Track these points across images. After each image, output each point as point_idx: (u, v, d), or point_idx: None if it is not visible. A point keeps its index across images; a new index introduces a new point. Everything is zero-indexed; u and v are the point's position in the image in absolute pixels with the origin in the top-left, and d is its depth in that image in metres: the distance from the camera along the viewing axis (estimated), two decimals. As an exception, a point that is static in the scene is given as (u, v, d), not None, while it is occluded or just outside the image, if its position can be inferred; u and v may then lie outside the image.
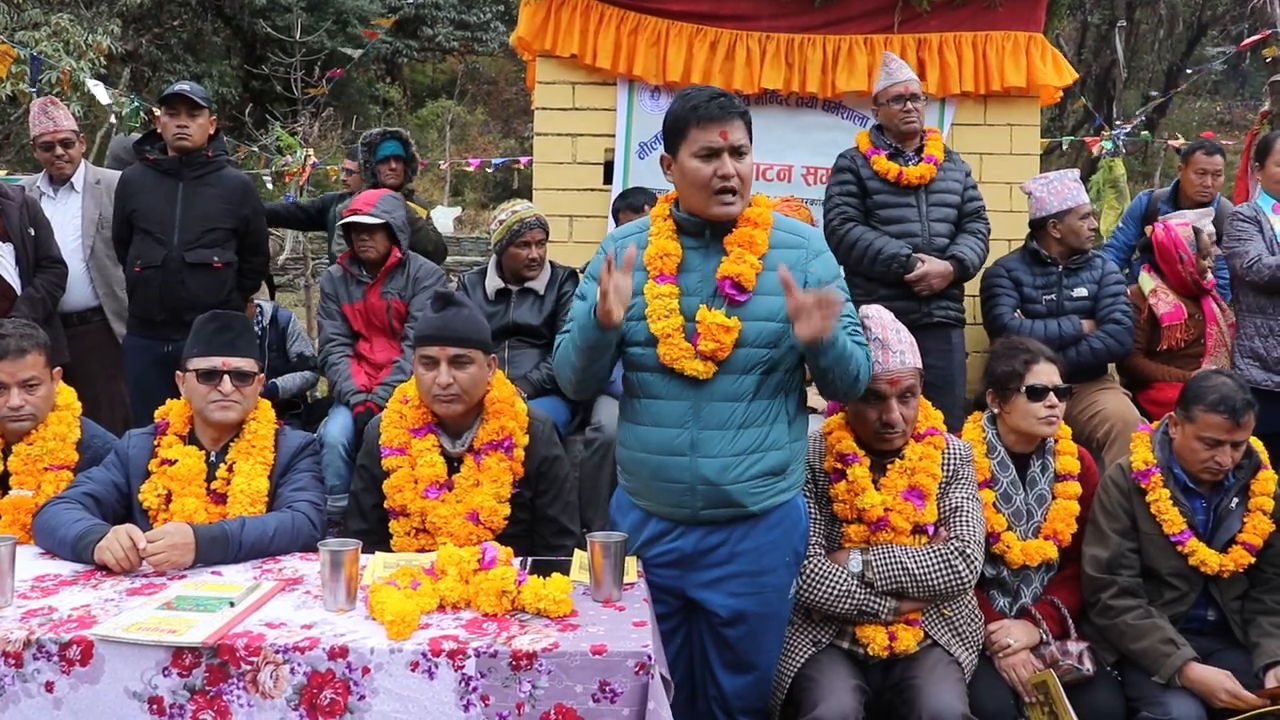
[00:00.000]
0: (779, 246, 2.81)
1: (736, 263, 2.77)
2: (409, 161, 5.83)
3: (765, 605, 2.89)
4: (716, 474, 2.77)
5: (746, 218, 2.81)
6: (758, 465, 2.78)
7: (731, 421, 2.77)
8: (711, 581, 2.85)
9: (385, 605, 2.41)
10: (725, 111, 2.72)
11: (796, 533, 2.92)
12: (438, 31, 23.18)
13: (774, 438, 2.80)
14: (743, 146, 2.75)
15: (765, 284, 2.77)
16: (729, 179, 2.73)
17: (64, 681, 2.33)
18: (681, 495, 2.83)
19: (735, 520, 2.82)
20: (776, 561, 2.87)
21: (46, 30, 10.98)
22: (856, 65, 5.48)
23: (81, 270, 5.06)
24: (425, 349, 3.15)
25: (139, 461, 3.20)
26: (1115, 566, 3.29)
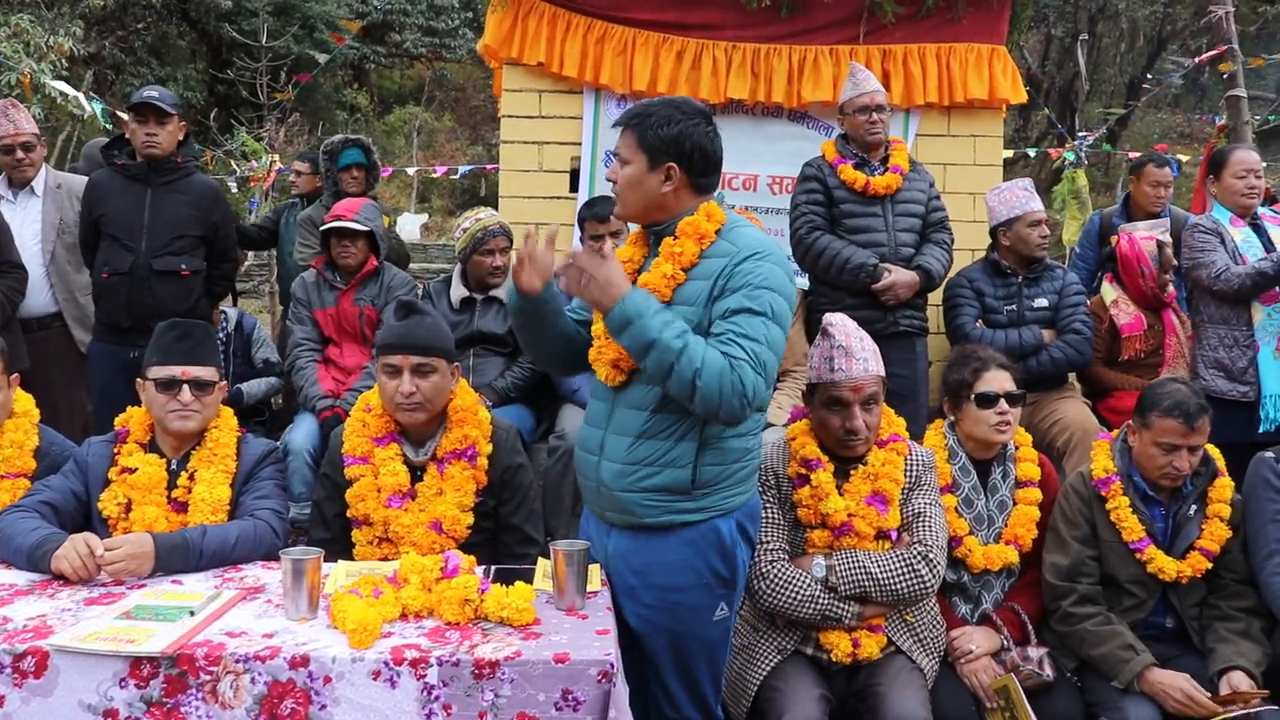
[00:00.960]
0: (711, 256, 2.72)
1: (652, 273, 2.74)
2: (370, 169, 5.83)
3: (679, 623, 2.77)
4: (612, 479, 2.75)
5: (681, 228, 2.74)
6: (654, 479, 2.70)
7: (633, 429, 2.73)
8: (627, 589, 2.79)
9: (347, 614, 2.40)
10: (620, 120, 2.82)
11: (715, 554, 2.75)
12: (405, 38, 23.10)
13: (676, 455, 2.69)
14: (620, 155, 2.77)
15: (682, 294, 2.71)
16: (610, 182, 2.82)
17: (15, 695, 2.29)
18: (592, 494, 2.86)
19: (638, 529, 2.75)
20: (690, 580, 2.75)
21: (6, 31, 10.85)
22: (822, 75, 5.51)
23: (41, 275, 4.99)
24: (388, 357, 3.14)
25: (99, 470, 3.17)
26: (1075, 574, 3.33)
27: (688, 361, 2.50)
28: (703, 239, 2.74)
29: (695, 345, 2.53)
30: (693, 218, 2.75)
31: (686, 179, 2.75)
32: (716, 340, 2.58)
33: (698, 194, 2.79)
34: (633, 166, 2.74)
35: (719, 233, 2.75)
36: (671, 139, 2.71)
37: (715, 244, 2.74)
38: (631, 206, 2.79)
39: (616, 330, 2.58)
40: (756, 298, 2.61)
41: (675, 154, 2.72)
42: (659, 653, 2.80)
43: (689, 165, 2.74)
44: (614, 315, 2.56)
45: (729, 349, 2.55)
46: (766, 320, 2.60)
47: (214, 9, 19.55)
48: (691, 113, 2.77)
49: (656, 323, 2.53)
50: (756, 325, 2.59)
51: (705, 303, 2.67)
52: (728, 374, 2.51)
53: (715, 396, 2.51)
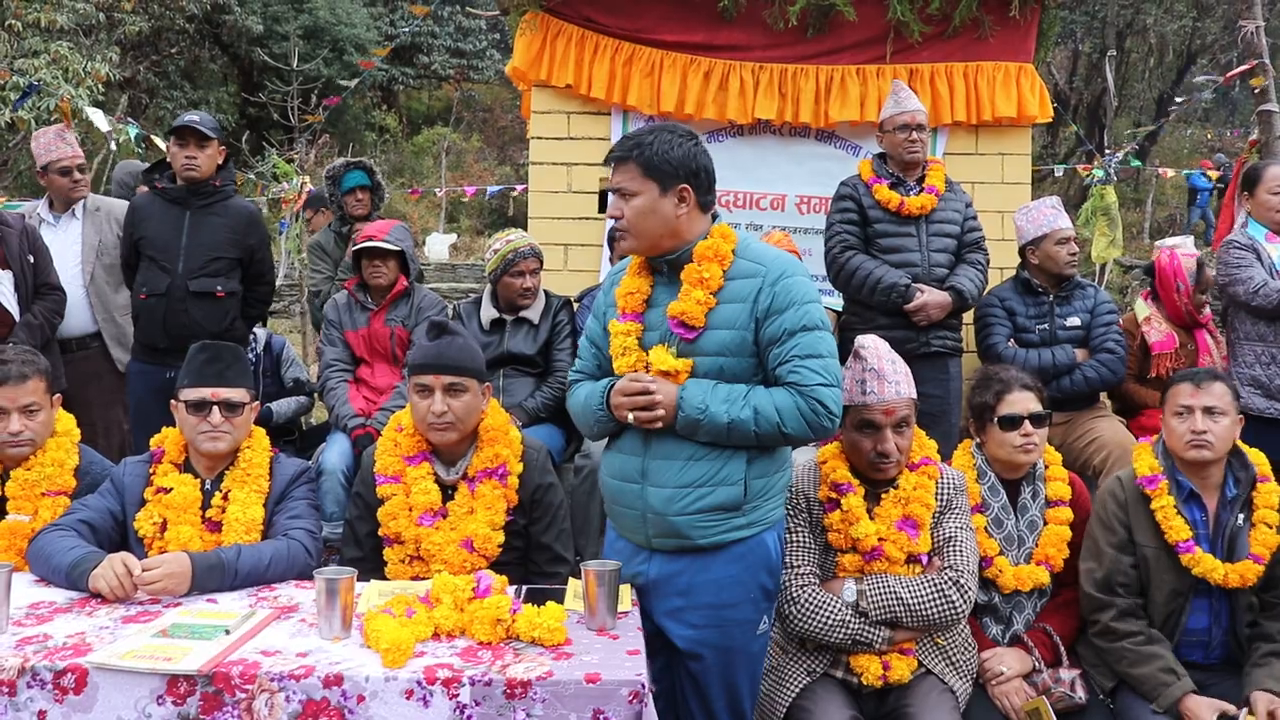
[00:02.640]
0: (737, 277, 2.76)
1: (684, 300, 2.76)
2: (375, 190, 5.86)
3: (728, 639, 2.82)
4: (662, 504, 2.77)
5: (699, 252, 2.77)
6: (706, 499, 2.73)
7: (680, 453, 2.75)
8: (673, 611, 2.82)
9: (380, 633, 2.41)
10: (610, 156, 2.84)
11: (763, 569, 2.82)
12: (434, 59, 23.32)
13: (727, 472, 2.74)
14: (622, 188, 2.78)
15: (717, 318, 2.74)
16: (614, 220, 2.82)
17: (57, 710, 2.33)
18: (635, 522, 2.85)
19: (687, 551, 2.78)
20: (739, 596, 2.80)
21: (45, 58, 11.03)
22: (849, 95, 5.53)
23: (81, 296, 5.08)
24: (420, 377, 3.17)
25: (135, 489, 3.21)
26: (1112, 585, 3.28)
27: (766, 422, 2.66)
28: (724, 260, 2.77)
29: (764, 403, 2.67)
30: (709, 241, 2.78)
31: (696, 200, 2.79)
32: (783, 368, 2.68)
33: (703, 214, 2.84)
34: (642, 197, 2.75)
35: (734, 252, 2.80)
36: (679, 161, 2.76)
37: (736, 264, 2.78)
38: (646, 238, 2.79)
39: (691, 433, 2.71)
40: (807, 314, 2.72)
41: (686, 175, 2.77)
42: (707, 671, 2.82)
43: (697, 185, 2.79)
44: (682, 423, 2.69)
45: (798, 375, 2.67)
46: (820, 333, 2.72)
47: (245, 33, 19.81)
48: (685, 134, 2.83)
49: (720, 407, 2.66)
50: (813, 341, 2.71)
51: (746, 324, 2.72)
52: (805, 406, 2.66)
53: (805, 432, 2.69)
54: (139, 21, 16.23)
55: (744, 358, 2.75)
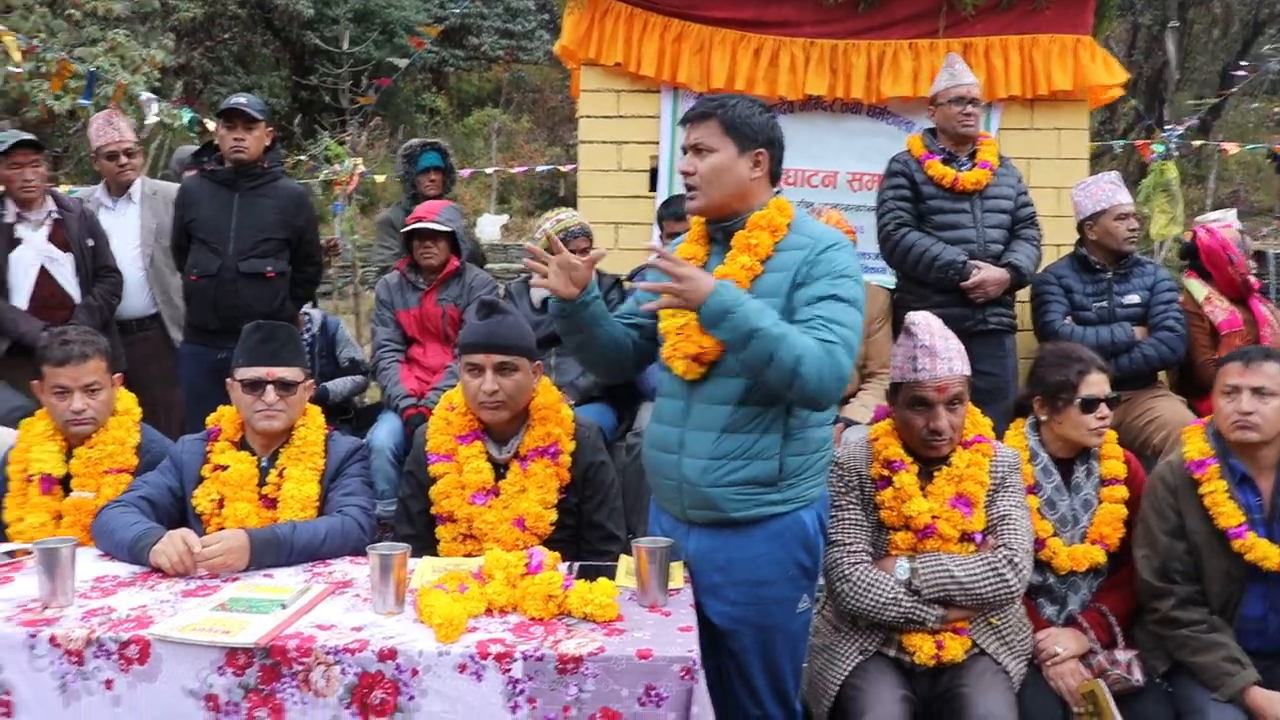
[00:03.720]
0: (787, 249, 2.76)
1: (729, 264, 2.77)
2: (448, 172, 5.90)
3: (766, 617, 2.81)
4: (697, 475, 2.77)
5: (754, 221, 2.78)
6: (741, 472, 2.73)
7: (716, 424, 2.75)
8: (710, 587, 2.82)
9: (434, 608, 2.44)
10: (690, 114, 2.84)
11: (800, 547, 2.81)
12: (483, 41, 23.34)
13: (762, 446, 2.73)
14: (700, 144, 2.77)
15: (760, 287, 2.74)
16: (685, 176, 2.81)
17: (123, 679, 2.39)
18: (671, 492, 2.86)
19: (723, 525, 2.78)
20: (776, 574, 2.79)
21: (104, 46, 11.18)
22: (901, 70, 5.46)
23: (139, 279, 5.17)
24: (470, 356, 3.18)
25: (192, 467, 3.26)
26: (1169, 573, 3.22)
27: (788, 349, 2.54)
28: (775, 231, 2.78)
29: (793, 332, 2.58)
30: (764, 211, 2.79)
31: (769, 168, 2.81)
32: (805, 325, 2.62)
33: (771, 185, 2.85)
34: (720, 154, 2.75)
35: (789, 226, 2.80)
36: (760, 126, 2.78)
37: (787, 237, 2.78)
38: (715, 196, 2.78)
39: (713, 322, 2.58)
40: (840, 285, 2.68)
41: (764, 141, 2.79)
42: (745, 649, 2.82)
43: (773, 154, 2.81)
44: (710, 307, 2.57)
45: (820, 333, 2.59)
46: (849, 307, 2.67)
47: (296, 17, 19.94)
48: (764, 105, 2.87)
49: (754, 311, 2.56)
50: (842, 311, 2.65)
51: (786, 293, 2.71)
52: (825, 359, 2.56)
53: (816, 382, 2.55)
54: (193, 8, 16.40)
55: None
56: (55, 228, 4.81)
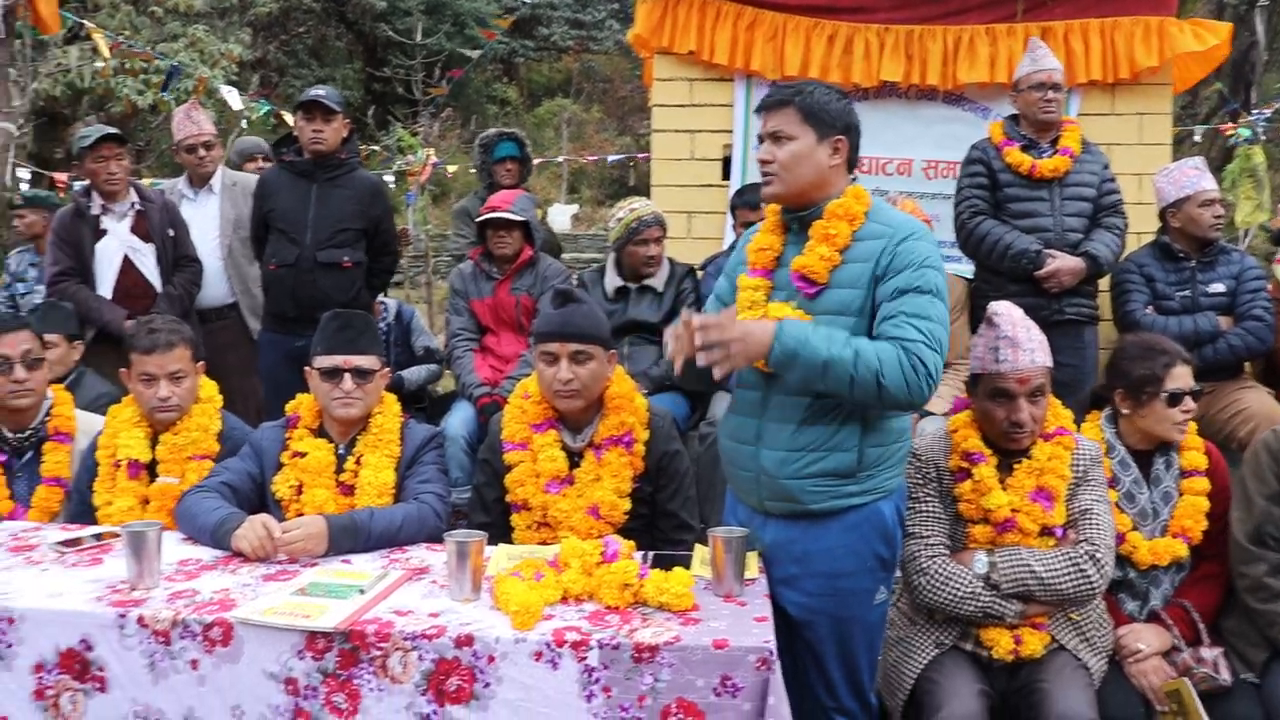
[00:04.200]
0: (865, 238, 2.73)
1: (807, 255, 2.75)
2: (524, 162, 5.91)
3: (843, 608, 2.79)
4: (774, 467, 2.75)
5: (831, 210, 2.75)
6: (820, 464, 2.71)
7: (795, 415, 2.73)
8: (787, 578, 2.80)
9: (510, 596, 2.45)
10: (767, 101, 2.81)
11: (879, 538, 2.79)
12: (553, 31, 23.44)
13: (841, 438, 2.70)
14: (779, 132, 2.74)
15: (840, 277, 2.72)
16: (763, 164, 2.78)
17: (207, 660, 2.44)
18: (749, 484, 2.84)
19: (801, 516, 2.76)
20: (854, 565, 2.77)
21: (184, 41, 11.41)
22: (978, 56, 5.37)
23: (219, 268, 5.26)
24: (546, 345, 3.19)
25: (272, 453, 3.31)
26: (1262, 537, 3.10)
27: (865, 367, 2.54)
28: (853, 220, 2.74)
29: (866, 348, 2.57)
30: (841, 200, 2.76)
31: (847, 155, 2.79)
32: (888, 323, 2.60)
33: (849, 173, 2.82)
34: (800, 141, 2.73)
35: (866, 214, 2.76)
36: (838, 113, 2.76)
37: (865, 226, 2.75)
38: (793, 184, 2.76)
39: (784, 367, 2.60)
40: (921, 276, 2.64)
41: (843, 127, 2.77)
42: (821, 641, 2.80)
43: (851, 141, 2.79)
44: (775, 355, 2.57)
45: (902, 331, 2.58)
46: (932, 298, 2.64)
47: (369, 10, 20.19)
48: (843, 92, 2.84)
49: (821, 343, 2.56)
50: (925, 304, 2.62)
51: (867, 284, 2.68)
52: (906, 361, 2.55)
53: (903, 388, 2.55)
54: (269, 3, 16.69)
55: (863, 319, 2.70)
56: (138, 219, 4.91)
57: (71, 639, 2.50)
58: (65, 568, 2.83)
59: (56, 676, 2.50)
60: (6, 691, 2.52)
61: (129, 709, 2.48)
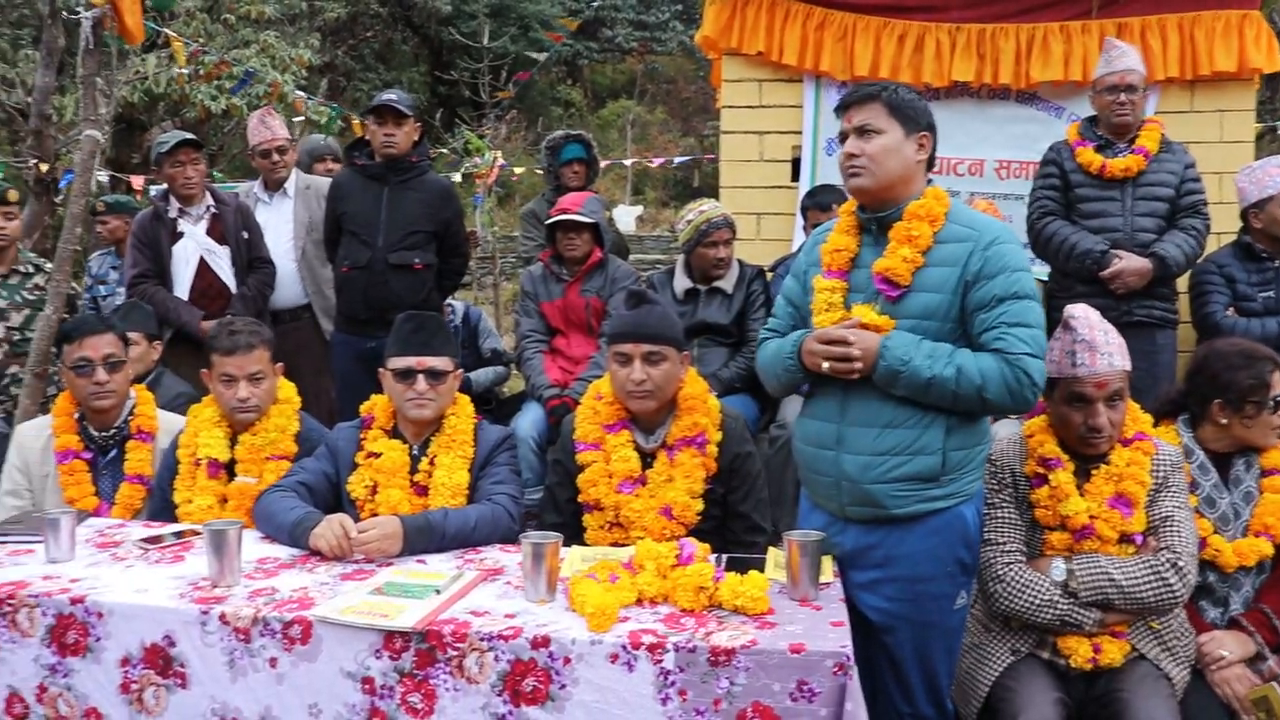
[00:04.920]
0: (948, 240, 2.71)
1: (890, 257, 2.73)
2: (591, 164, 5.92)
3: (923, 613, 2.78)
4: (858, 472, 2.73)
5: (912, 211, 2.73)
6: (903, 468, 2.69)
7: (878, 420, 2.71)
8: (868, 583, 2.79)
9: (586, 598, 2.46)
10: (853, 96, 2.81)
11: (960, 543, 2.78)
12: (617, 33, 23.53)
13: (925, 442, 2.69)
14: (866, 125, 2.74)
15: (924, 280, 2.70)
16: (849, 158, 2.76)
17: (286, 658, 2.48)
18: (829, 489, 2.82)
19: (883, 521, 2.74)
20: (935, 570, 2.76)
21: (255, 48, 11.62)
22: (1052, 54, 5.30)
23: (292, 270, 5.34)
24: (619, 346, 3.20)
25: (347, 454, 3.35)
26: None
27: (968, 383, 2.59)
28: (934, 221, 2.73)
29: (968, 363, 2.60)
30: (922, 201, 2.75)
31: (929, 153, 2.79)
32: (989, 334, 2.62)
33: (926, 172, 2.82)
34: (888, 135, 2.73)
35: (946, 215, 2.75)
36: (923, 110, 2.78)
37: (947, 227, 2.73)
38: (883, 177, 2.74)
39: (888, 384, 2.65)
40: (1017, 281, 2.65)
41: (927, 124, 2.78)
42: (901, 645, 2.79)
43: (934, 139, 2.80)
44: (880, 373, 2.64)
45: (1004, 343, 2.60)
46: (1030, 302, 2.65)
47: (435, 14, 20.40)
48: (918, 92, 2.87)
49: (922, 361, 2.61)
50: (1022, 310, 2.63)
51: (954, 289, 2.67)
52: (1010, 374, 2.59)
53: (1007, 400, 2.61)
54: (337, 8, 16.92)
55: (948, 323, 2.69)
56: (213, 222, 5.00)
57: (155, 635, 2.56)
58: (149, 564, 2.89)
59: (141, 671, 2.57)
60: (96, 683, 2.59)
61: (208, 706, 2.53)
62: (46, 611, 2.62)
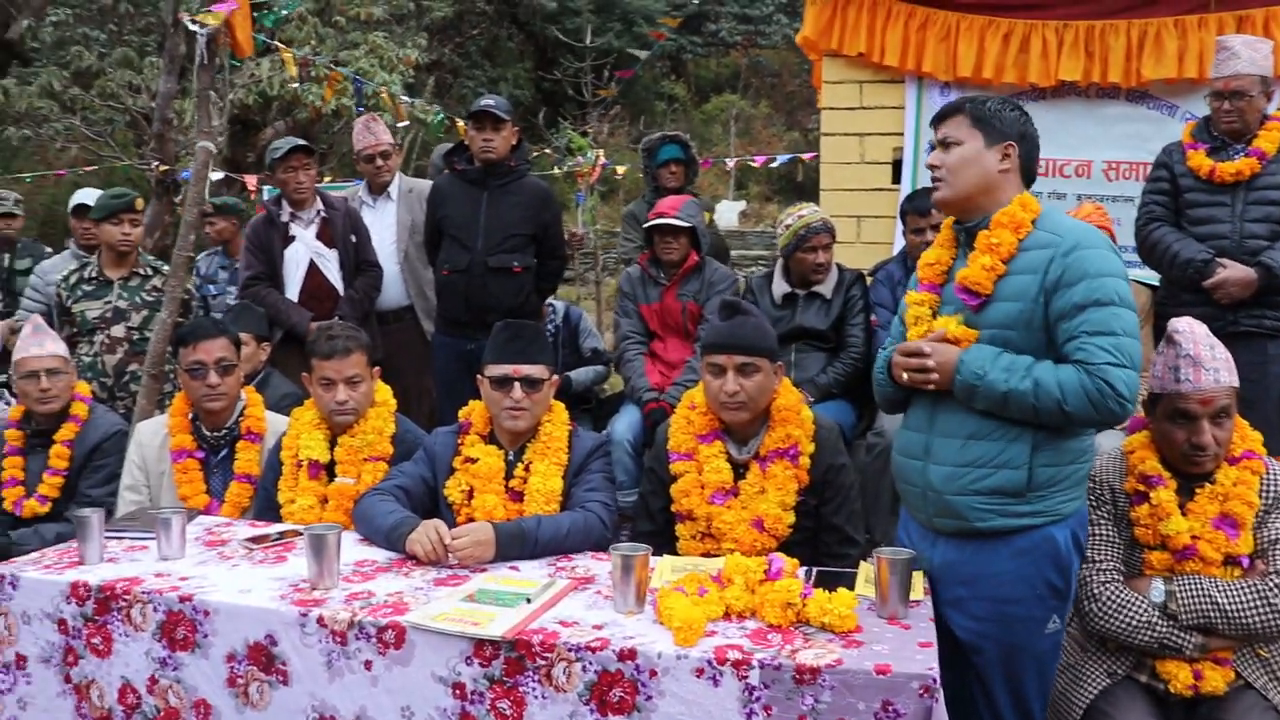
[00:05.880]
0: (1032, 248, 2.65)
1: (971, 266, 2.69)
2: (689, 164, 5.92)
3: (1011, 635, 2.72)
4: (941, 482, 2.71)
5: (997, 219, 2.69)
6: (987, 481, 2.65)
7: (962, 431, 2.68)
8: (955, 600, 2.75)
9: (673, 611, 2.47)
10: (938, 113, 2.81)
11: (1051, 565, 2.70)
12: (721, 27, 23.45)
13: (1010, 455, 2.64)
14: (948, 137, 2.73)
15: (1005, 289, 2.65)
16: (933, 169, 2.76)
17: (380, 661, 2.54)
18: (917, 499, 2.81)
19: (970, 536, 2.71)
20: (1023, 592, 2.70)
21: (364, 49, 11.87)
22: (1165, 51, 5.12)
23: (396, 272, 5.45)
24: (713, 356, 3.21)
25: (445, 458, 3.42)
26: None
27: (1047, 396, 2.54)
28: (1019, 229, 2.67)
29: (1046, 376, 2.55)
30: (1008, 209, 2.70)
31: (1020, 164, 2.73)
32: (1070, 344, 2.56)
33: (1024, 184, 2.76)
34: (967, 145, 2.71)
35: (1034, 222, 2.69)
36: (1011, 121, 2.73)
37: (1033, 234, 2.67)
38: (961, 187, 2.72)
39: (966, 398, 2.64)
40: (1100, 287, 2.57)
41: (1015, 135, 2.72)
42: (988, 666, 2.75)
43: (1024, 149, 2.74)
44: (958, 388, 2.64)
45: (1084, 353, 2.54)
46: (1115, 309, 2.57)
47: (540, 11, 20.58)
48: (1018, 104, 2.80)
49: (998, 375, 2.58)
50: (1106, 317, 2.56)
51: (1035, 297, 2.62)
52: (1091, 386, 2.52)
53: (1089, 413, 2.55)
54: (444, 7, 17.19)
55: (1032, 332, 2.63)
56: (323, 226, 5.13)
57: (258, 634, 2.66)
58: (253, 564, 3.00)
59: (246, 667, 2.67)
60: (204, 676, 2.71)
61: (307, 703, 2.62)
62: (158, 608, 2.75)
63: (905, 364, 2.73)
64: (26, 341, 4.10)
